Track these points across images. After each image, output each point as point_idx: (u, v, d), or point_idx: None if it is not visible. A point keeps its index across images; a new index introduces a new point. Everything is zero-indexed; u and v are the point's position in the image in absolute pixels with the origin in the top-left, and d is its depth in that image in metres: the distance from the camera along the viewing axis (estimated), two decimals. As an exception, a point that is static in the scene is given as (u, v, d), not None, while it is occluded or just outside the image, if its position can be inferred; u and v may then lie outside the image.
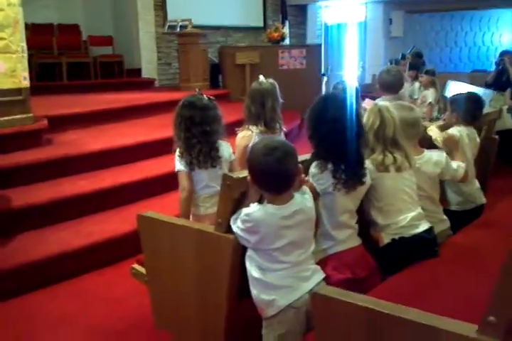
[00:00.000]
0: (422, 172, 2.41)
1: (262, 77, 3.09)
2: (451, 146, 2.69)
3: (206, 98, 2.63)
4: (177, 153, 2.61)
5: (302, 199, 1.86)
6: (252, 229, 1.80)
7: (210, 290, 1.99)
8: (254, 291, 1.87)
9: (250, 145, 2.77)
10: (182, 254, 2.05)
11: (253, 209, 1.81)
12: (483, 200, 2.98)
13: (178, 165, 2.60)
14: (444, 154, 2.52)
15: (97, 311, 2.78)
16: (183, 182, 2.59)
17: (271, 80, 3.07)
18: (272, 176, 1.77)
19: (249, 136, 2.92)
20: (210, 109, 2.60)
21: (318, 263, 1.97)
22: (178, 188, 2.63)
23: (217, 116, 2.63)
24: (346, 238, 2.12)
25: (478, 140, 3.09)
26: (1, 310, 2.81)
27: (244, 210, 1.82)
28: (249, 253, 1.88)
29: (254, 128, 2.94)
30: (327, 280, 1.94)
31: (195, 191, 2.63)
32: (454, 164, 2.54)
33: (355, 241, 2.17)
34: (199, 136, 2.56)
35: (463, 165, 2.58)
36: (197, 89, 2.78)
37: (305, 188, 1.92)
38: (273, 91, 2.99)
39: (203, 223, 2.38)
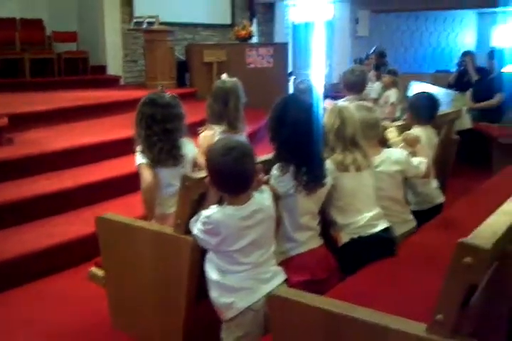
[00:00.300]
0: (382, 171, 2.45)
1: (225, 76, 3.08)
2: (411, 144, 2.73)
3: (169, 95, 2.61)
4: (138, 149, 2.57)
5: (261, 199, 1.88)
6: (212, 230, 1.80)
7: (168, 293, 1.99)
8: (213, 294, 1.87)
9: None
10: (140, 256, 2.04)
11: (212, 211, 1.81)
12: (441, 199, 3.05)
13: (140, 159, 2.55)
14: (405, 152, 2.57)
15: (56, 314, 2.73)
16: (145, 174, 2.51)
17: (234, 79, 3.06)
18: (230, 176, 1.78)
19: (211, 135, 2.89)
20: (172, 106, 2.57)
21: (279, 265, 1.98)
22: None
23: (179, 114, 2.61)
24: (307, 239, 2.14)
25: (436, 140, 3.16)
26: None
27: (204, 212, 1.82)
28: (208, 255, 1.88)
29: (216, 128, 2.93)
30: (287, 282, 1.95)
31: (158, 188, 2.58)
32: (415, 161, 2.58)
33: (316, 243, 2.19)
34: (160, 134, 2.52)
35: (424, 160, 2.61)
36: (160, 87, 2.77)
37: (264, 188, 1.93)
38: (236, 90, 2.98)
39: (166, 222, 2.37)
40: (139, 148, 2.57)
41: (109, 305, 2.25)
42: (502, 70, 6.57)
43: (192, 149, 2.70)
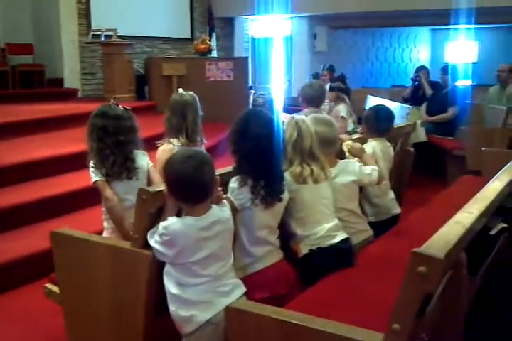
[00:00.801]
0: (338, 183, 2.47)
1: (181, 90, 3.08)
2: (356, 154, 2.77)
3: (121, 108, 2.59)
4: (91, 164, 2.53)
5: (219, 211, 1.88)
6: (169, 242, 1.78)
7: (126, 308, 1.95)
8: (172, 307, 1.84)
9: None
10: (96, 271, 2.00)
11: (171, 221, 1.79)
12: (397, 210, 3.10)
13: (94, 176, 2.51)
14: (356, 162, 2.61)
15: (10, 334, 2.64)
16: (106, 191, 2.50)
17: (191, 92, 3.06)
18: (188, 185, 1.77)
19: (170, 149, 2.86)
20: (124, 118, 2.54)
21: None
22: (102, 200, 2.55)
23: (132, 126, 2.58)
24: (265, 254, 2.13)
25: (392, 153, 3.22)
26: None
27: (162, 223, 1.80)
28: (167, 268, 1.86)
29: (175, 141, 2.92)
30: (246, 295, 1.94)
31: None
32: (367, 169, 2.60)
33: (275, 257, 2.18)
34: (112, 147, 2.49)
35: (376, 168, 2.64)
36: (112, 100, 2.75)
37: (224, 202, 1.94)
38: (194, 104, 2.99)
39: (116, 237, 2.33)
40: (91, 162, 2.53)
41: (66, 322, 2.19)
42: (455, 85, 6.79)
43: (147, 162, 2.67)
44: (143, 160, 2.64)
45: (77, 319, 2.14)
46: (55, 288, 2.31)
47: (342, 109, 5.19)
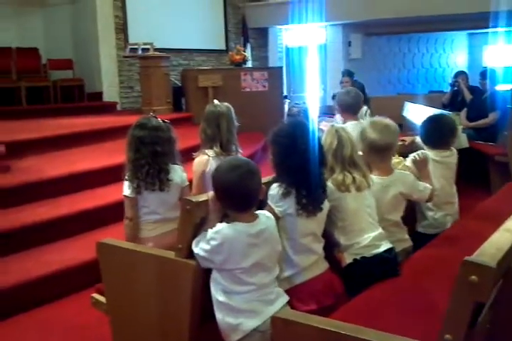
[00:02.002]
0: (389, 192, 2.46)
1: (216, 101, 3.09)
2: (420, 166, 2.74)
3: (159, 120, 2.63)
4: (125, 176, 2.58)
5: (267, 219, 1.89)
6: (218, 247, 1.78)
7: (171, 317, 1.96)
8: (218, 315, 1.85)
9: (207, 170, 2.76)
10: (142, 281, 2.02)
11: (221, 226, 1.81)
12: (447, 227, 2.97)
13: (126, 189, 2.57)
14: (412, 175, 2.59)
15: (59, 341, 2.70)
16: (127, 209, 2.57)
17: (226, 103, 3.07)
18: (234, 193, 1.79)
19: (205, 160, 2.88)
20: (161, 130, 2.59)
21: None
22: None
23: (170, 138, 2.62)
24: (310, 265, 2.10)
25: (454, 160, 3.11)
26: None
27: (212, 229, 1.82)
28: (214, 275, 1.86)
29: (210, 152, 2.90)
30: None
31: (140, 215, 2.59)
32: (421, 185, 2.59)
33: (321, 268, 2.15)
34: (148, 157, 2.53)
35: (429, 186, 2.62)
36: (151, 113, 2.80)
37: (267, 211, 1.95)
38: (228, 114, 2.98)
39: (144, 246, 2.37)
40: (126, 175, 2.58)
41: (112, 332, 2.22)
42: (495, 89, 6.64)
43: (181, 176, 2.69)
44: (179, 175, 2.67)
45: (124, 328, 2.17)
46: (102, 298, 2.35)
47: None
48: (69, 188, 4.26)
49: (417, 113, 6.23)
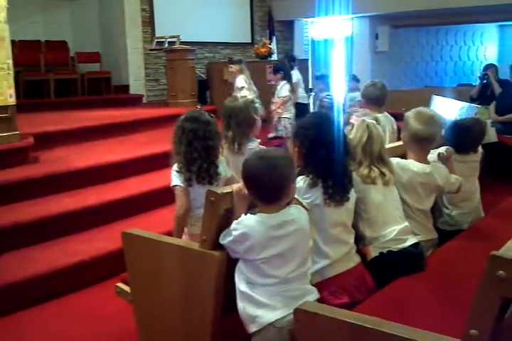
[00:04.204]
0: (422, 183, 2.46)
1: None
2: (446, 160, 2.72)
3: (208, 114, 2.64)
4: (175, 168, 2.56)
5: (296, 211, 1.86)
6: (240, 237, 1.79)
7: (195, 308, 1.98)
8: (240, 305, 1.85)
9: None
10: (166, 271, 2.04)
11: (244, 217, 1.82)
12: (466, 226, 2.92)
13: (176, 180, 2.54)
14: (445, 167, 2.62)
15: (83, 331, 2.74)
16: (181, 198, 2.53)
17: (244, 98, 3.01)
18: (257, 184, 1.79)
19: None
20: (212, 124, 2.59)
21: (314, 286, 1.93)
22: (175, 204, 2.59)
23: (218, 132, 2.62)
24: (342, 257, 2.09)
25: (474, 159, 3.08)
26: (-15, 330, 2.77)
27: (235, 221, 1.83)
28: (239, 265, 1.87)
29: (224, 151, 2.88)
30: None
31: (191, 209, 2.58)
32: (453, 178, 2.61)
33: (353, 261, 2.14)
34: (201, 151, 2.52)
35: (460, 178, 2.65)
36: (198, 106, 2.79)
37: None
38: (243, 109, 2.93)
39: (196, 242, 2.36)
40: (175, 166, 2.56)
41: (136, 321, 2.25)
42: (526, 82, 6.50)
43: (225, 168, 2.68)
44: (224, 167, 2.66)
45: (148, 317, 2.19)
46: (126, 288, 2.38)
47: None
48: (96, 179, 4.31)
49: (445, 106, 6.13)
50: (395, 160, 2.51)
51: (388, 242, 2.23)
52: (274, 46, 9.38)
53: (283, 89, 6.54)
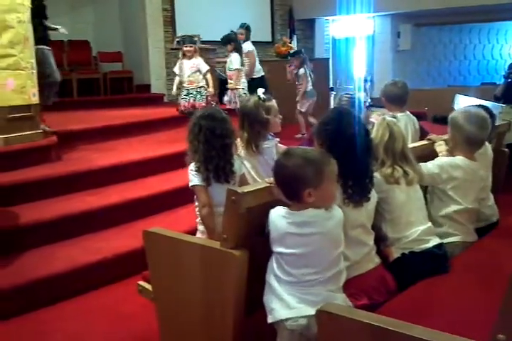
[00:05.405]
0: (474, 180, 2.50)
1: (260, 91, 3.01)
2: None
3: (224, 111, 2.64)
4: (192, 167, 2.55)
5: (323, 214, 1.83)
6: (269, 226, 1.84)
7: (216, 307, 1.97)
8: (265, 295, 1.87)
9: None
10: (187, 270, 2.04)
11: (275, 208, 1.85)
12: (495, 218, 2.89)
13: (195, 180, 2.53)
14: None
15: (104, 329, 2.76)
16: (202, 197, 2.52)
17: (255, 99, 2.93)
18: (279, 180, 1.84)
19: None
20: (229, 122, 2.58)
21: None
22: (196, 203, 2.59)
23: (234, 129, 2.61)
24: (362, 258, 2.06)
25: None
26: (7, 328, 2.79)
27: None
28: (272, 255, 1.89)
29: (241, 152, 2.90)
30: None
31: None
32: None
33: (373, 262, 2.11)
34: (219, 149, 2.51)
35: None
36: (214, 103, 2.79)
37: (336, 208, 1.89)
38: (250, 111, 2.91)
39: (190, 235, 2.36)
40: (192, 166, 2.55)
41: (158, 319, 2.25)
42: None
43: (239, 165, 2.68)
44: (238, 165, 2.66)
45: (170, 316, 2.20)
46: (148, 286, 2.39)
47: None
48: (118, 178, 4.34)
49: (469, 105, 6.05)
50: (443, 159, 2.50)
51: (411, 243, 2.20)
52: (294, 45, 9.34)
53: (234, 61, 6.66)
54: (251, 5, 9.80)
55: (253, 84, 6.50)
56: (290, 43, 8.90)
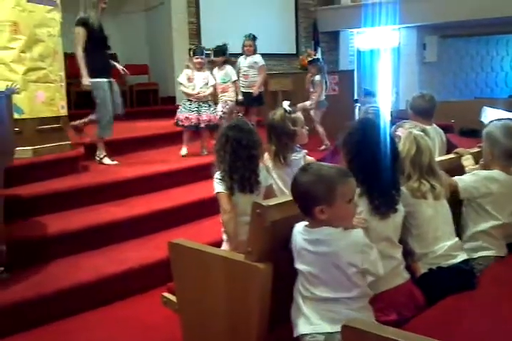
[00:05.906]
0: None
1: (285, 103, 3.04)
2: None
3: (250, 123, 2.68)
4: (217, 175, 2.58)
5: (336, 233, 1.78)
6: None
7: (240, 320, 1.97)
8: (292, 305, 1.87)
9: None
10: (212, 282, 2.04)
11: (298, 223, 1.86)
12: None
13: (219, 187, 2.55)
14: None
15: (128, 339, 2.76)
16: (224, 203, 2.54)
17: (280, 111, 2.98)
18: (295, 196, 1.84)
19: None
20: (255, 133, 2.61)
21: None
22: (220, 211, 2.60)
23: (260, 141, 2.64)
24: (388, 272, 1.99)
25: None
26: (33, 337, 2.81)
27: None
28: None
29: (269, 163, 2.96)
30: None
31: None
32: None
33: (402, 277, 2.06)
34: (245, 160, 2.53)
35: None
36: (240, 114, 2.82)
37: (357, 230, 1.83)
38: (278, 124, 2.95)
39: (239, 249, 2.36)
40: (218, 174, 2.58)
41: (182, 331, 2.25)
42: None
43: (265, 176, 2.69)
44: (264, 175, 2.67)
45: (193, 327, 2.19)
46: (173, 297, 2.39)
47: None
48: (143, 189, 4.39)
49: (497, 118, 5.96)
50: (480, 172, 2.50)
51: (438, 258, 2.16)
52: (319, 57, 9.35)
53: (231, 73, 6.53)
54: (275, 18, 9.86)
55: (258, 98, 6.49)
56: (315, 55, 8.91)
